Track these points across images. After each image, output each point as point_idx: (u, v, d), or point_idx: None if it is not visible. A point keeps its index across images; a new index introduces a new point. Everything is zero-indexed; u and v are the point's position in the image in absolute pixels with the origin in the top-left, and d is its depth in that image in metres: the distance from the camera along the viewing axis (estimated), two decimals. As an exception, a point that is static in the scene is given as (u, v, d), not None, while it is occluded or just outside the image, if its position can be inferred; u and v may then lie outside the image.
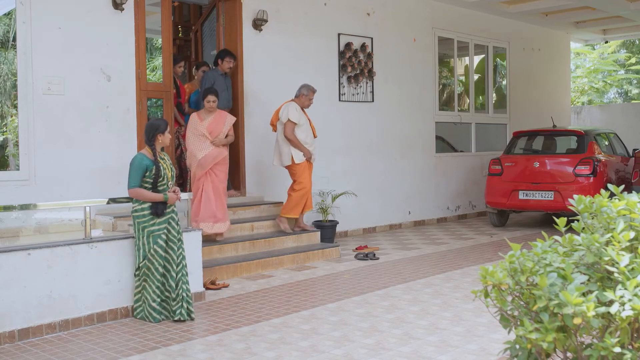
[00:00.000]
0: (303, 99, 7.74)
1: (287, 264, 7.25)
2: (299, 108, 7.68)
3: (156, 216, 5.16)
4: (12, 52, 8.28)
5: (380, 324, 4.91)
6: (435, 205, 11.11)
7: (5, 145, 9.64)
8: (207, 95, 6.94)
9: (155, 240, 5.15)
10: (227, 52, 7.86)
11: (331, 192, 8.77)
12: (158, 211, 5.15)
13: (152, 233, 5.16)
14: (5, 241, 5.74)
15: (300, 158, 7.62)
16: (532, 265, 2.48)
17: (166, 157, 5.38)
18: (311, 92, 7.78)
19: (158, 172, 5.15)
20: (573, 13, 12.55)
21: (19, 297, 4.69)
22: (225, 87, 7.83)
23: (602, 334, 2.36)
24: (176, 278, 5.20)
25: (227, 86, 7.88)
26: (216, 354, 4.28)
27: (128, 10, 7.02)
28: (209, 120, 6.94)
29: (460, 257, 7.77)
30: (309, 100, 7.77)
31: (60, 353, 4.39)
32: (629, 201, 2.74)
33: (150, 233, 5.16)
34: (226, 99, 7.82)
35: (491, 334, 4.55)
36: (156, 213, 5.15)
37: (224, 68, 7.83)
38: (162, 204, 5.19)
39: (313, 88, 7.83)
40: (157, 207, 5.16)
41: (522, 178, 9.71)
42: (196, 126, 6.90)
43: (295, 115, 7.56)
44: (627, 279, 2.33)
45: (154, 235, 5.16)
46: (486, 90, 12.66)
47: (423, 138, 10.92)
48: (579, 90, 21.14)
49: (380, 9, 10.10)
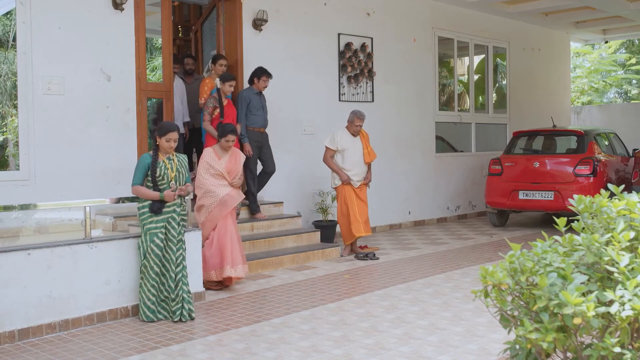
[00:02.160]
0: (349, 125, 7.85)
1: (287, 264, 7.25)
2: (345, 134, 7.82)
3: (152, 213, 5.19)
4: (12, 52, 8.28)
5: (380, 324, 4.91)
6: (435, 205, 11.11)
7: (5, 145, 9.64)
8: (228, 135, 6.24)
9: (151, 239, 5.17)
10: (263, 71, 7.66)
11: (331, 192, 8.77)
12: (154, 208, 5.20)
13: (150, 231, 5.19)
14: (5, 241, 5.75)
15: (335, 182, 7.85)
16: (532, 265, 2.48)
17: (176, 159, 5.39)
18: (356, 118, 7.75)
19: (153, 172, 5.21)
20: (573, 13, 12.56)
21: (19, 297, 4.69)
22: (261, 105, 7.72)
23: (602, 334, 2.36)
24: (175, 278, 5.19)
25: (263, 105, 7.76)
26: (216, 354, 4.28)
27: (128, 10, 7.02)
28: (226, 159, 6.29)
29: (460, 257, 7.77)
30: (354, 126, 7.77)
31: (60, 353, 4.39)
32: (629, 201, 2.74)
33: (147, 230, 5.20)
34: (262, 118, 7.73)
35: (491, 334, 4.55)
36: (152, 210, 5.19)
37: (259, 87, 7.68)
38: (160, 202, 5.22)
39: (359, 114, 7.79)
40: (153, 205, 5.20)
41: (522, 178, 9.71)
42: (213, 164, 6.22)
43: (331, 141, 7.81)
44: (627, 279, 2.33)
45: (150, 233, 5.19)
46: (486, 90, 12.66)
47: (423, 138, 10.92)
48: (579, 91, 21.14)
49: (380, 9, 10.10)
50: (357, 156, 7.83)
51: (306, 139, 8.90)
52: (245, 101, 7.60)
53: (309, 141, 8.88)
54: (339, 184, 7.82)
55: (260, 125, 7.72)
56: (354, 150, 7.81)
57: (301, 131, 8.87)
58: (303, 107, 8.88)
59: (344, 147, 7.77)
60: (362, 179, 7.89)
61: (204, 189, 6.16)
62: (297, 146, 8.85)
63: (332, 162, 7.83)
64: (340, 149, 7.78)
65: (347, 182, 7.76)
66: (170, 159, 5.34)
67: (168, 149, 5.30)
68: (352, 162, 7.78)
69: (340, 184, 7.80)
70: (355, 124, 7.74)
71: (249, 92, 7.69)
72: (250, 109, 7.63)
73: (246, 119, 7.61)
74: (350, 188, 7.79)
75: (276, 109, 8.37)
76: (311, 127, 9.01)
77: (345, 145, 7.77)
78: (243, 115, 7.60)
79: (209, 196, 6.13)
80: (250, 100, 7.62)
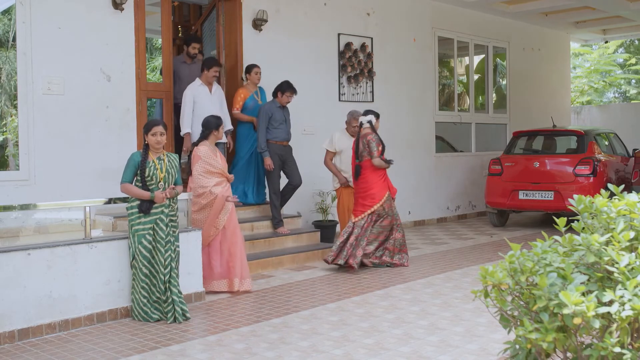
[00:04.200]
0: (347, 126, 7.79)
1: (287, 264, 7.25)
2: (343, 135, 7.78)
3: (141, 213, 5.15)
4: (12, 52, 8.28)
5: (380, 324, 4.91)
6: (435, 205, 11.11)
7: (5, 145, 9.65)
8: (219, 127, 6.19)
9: (139, 240, 5.15)
10: (289, 86, 7.60)
11: (331, 192, 8.77)
12: (143, 208, 5.15)
13: (137, 232, 5.16)
14: (5, 241, 5.74)
15: (335, 185, 7.84)
16: (532, 265, 2.48)
17: (167, 159, 5.32)
18: (353, 119, 7.65)
19: (143, 171, 5.16)
20: (573, 13, 12.56)
21: (19, 297, 4.69)
22: (284, 119, 7.67)
23: (602, 334, 2.36)
24: (164, 280, 5.14)
25: (286, 118, 7.71)
26: (216, 354, 4.28)
27: (128, 10, 7.01)
28: (219, 155, 6.19)
29: (460, 257, 7.77)
30: (351, 127, 7.68)
31: (60, 353, 4.39)
32: (629, 201, 2.74)
33: (135, 232, 5.16)
34: (285, 131, 7.68)
35: (491, 334, 4.55)
36: (140, 210, 5.15)
37: (282, 102, 7.62)
38: (149, 202, 5.17)
39: (355, 114, 7.64)
40: (142, 205, 5.16)
41: (522, 178, 9.71)
42: (211, 161, 6.04)
43: (329, 143, 7.79)
44: (627, 279, 2.33)
45: (138, 234, 5.15)
46: (486, 90, 12.66)
47: (423, 138, 10.92)
48: (579, 91, 21.15)
49: (380, 9, 10.10)
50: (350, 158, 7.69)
51: (306, 139, 8.89)
52: (267, 115, 7.52)
53: (309, 141, 8.87)
54: (338, 187, 7.80)
55: (283, 139, 7.65)
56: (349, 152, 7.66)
57: (301, 131, 8.85)
58: (303, 107, 8.87)
59: (341, 148, 7.73)
60: None
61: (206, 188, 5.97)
62: (297, 146, 8.81)
63: (331, 165, 7.82)
64: (338, 151, 7.75)
65: (345, 184, 7.72)
66: (161, 159, 5.27)
67: (155, 144, 5.20)
68: (350, 164, 7.62)
69: (339, 187, 7.78)
70: (352, 124, 7.67)
71: (272, 106, 7.60)
72: (272, 122, 7.54)
73: (268, 133, 7.54)
74: (349, 191, 7.68)
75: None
76: (311, 127, 9.01)
77: (342, 146, 7.73)
78: (264, 129, 7.51)
79: (209, 196, 5.98)
80: (273, 113, 7.54)
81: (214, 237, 6.04)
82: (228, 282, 6.02)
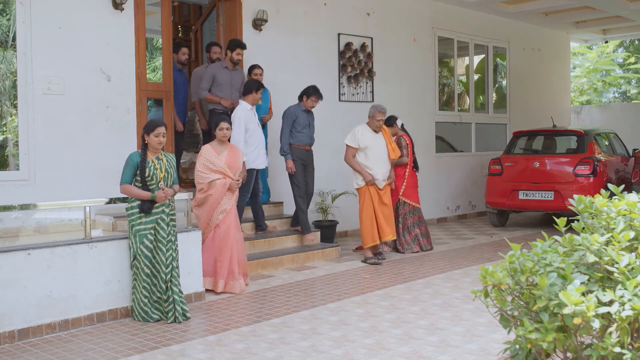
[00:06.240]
0: (370, 121, 7.43)
1: (287, 264, 7.25)
2: (366, 131, 7.41)
3: (142, 213, 5.15)
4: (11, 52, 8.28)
5: (380, 324, 4.91)
6: (435, 205, 11.10)
7: (5, 145, 9.65)
8: (221, 123, 6.12)
9: (141, 240, 5.15)
10: (315, 91, 7.52)
11: (331, 192, 8.77)
12: (144, 208, 5.15)
13: (139, 232, 5.16)
14: (5, 241, 5.74)
15: (358, 182, 7.39)
16: (532, 265, 2.48)
17: (165, 158, 5.33)
18: (377, 112, 7.34)
19: (143, 171, 5.15)
20: (573, 13, 12.56)
21: (19, 297, 4.69)
22: (308, 123, 7.60)
23: (602, 334, 2.36)
24: (165, 279, 5.15)
25: (310, 122, 7.64)
26: (216, 354, 4.28)
27: (128, 10, 7.01)
28: (225, 155, 6.12)
29: (460, 257, 7.77)
30: (376, 121, 7.36)
31: (60, 353, 4.39)
32: (629, 201, 2.74)
33: (137, 232, 5.16)
34: (308, 136, 7.60)
35: (491, 334, 4.55)
36: (142, 210, 5.15)
37: (307, 105, 7.54)
38: (149, 202, 5.17)
39: (380, 107, 7.39)
40: (143, 205, 5.16)
41: (522, 178, 9.71)
42: (212, 160, 6.04)
43: (352, 139, 7.38)
44: (627, 279, 2.33)
45: (140, 234, 5.15)
46: (486, 90, 12.66)
47: (423, 138, 10.91)
48: (579, 90, 21.14)
49: (380, 9, 10.10)
50: (380, 154, 7.38)
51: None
52: (291, 118, 7.46)
53: (309, 141, 8.86)
54: (362, 185, 7.36)
55: (306, 143, 7.58)
56: (377, 147, 7.37)
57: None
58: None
59: (366, 144, 7.33)
60: (386, 179, 7.43)
61: (205, 183, 6.00)
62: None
63: (354, 161, 7.37)
64: (362, 147, 7.33)
65: (371, 183, 7.32)
66: (159, 159, 5.28)
67: (157, 145, 5.19)
68: (376, 161, 7.33)
69: (363, 185, 7.36)
70: (377, 118, 7.32)
71: (296, 109, 7.54)
72: (296, 126, 7.48)
73: (291, 136, 7.48)
74: (375, 189, 7.34)
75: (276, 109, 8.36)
76: (311, 127, 9.00)
77: (367, 142, 7.34)
78: (287, 132, 7.45)
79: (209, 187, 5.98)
80: (297, 117, 7.48)
81: (207, 234, 6.07)
82: (213, 282, 6.04)
